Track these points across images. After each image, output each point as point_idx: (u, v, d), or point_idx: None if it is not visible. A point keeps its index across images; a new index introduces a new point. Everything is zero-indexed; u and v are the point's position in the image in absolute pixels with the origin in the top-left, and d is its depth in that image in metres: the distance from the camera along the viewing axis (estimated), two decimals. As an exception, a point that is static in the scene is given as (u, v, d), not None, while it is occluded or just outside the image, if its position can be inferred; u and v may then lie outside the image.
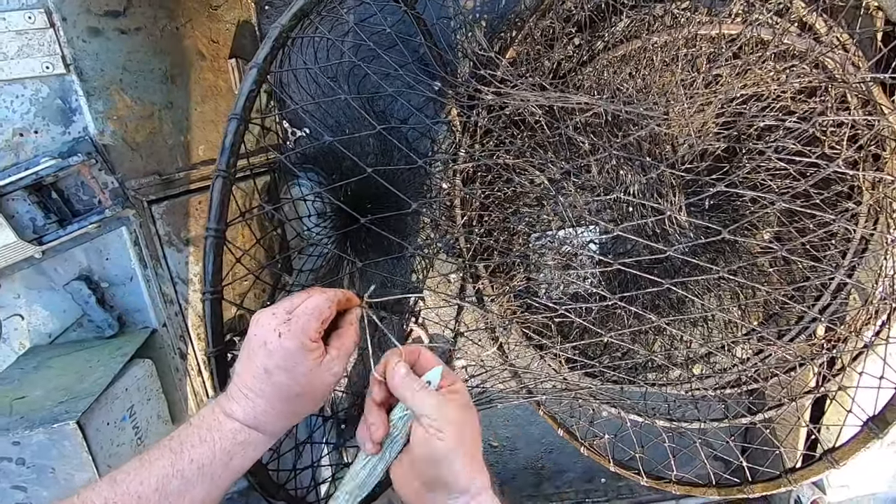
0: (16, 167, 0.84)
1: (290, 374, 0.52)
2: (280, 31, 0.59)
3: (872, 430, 0.60)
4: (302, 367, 0.52)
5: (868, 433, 0.60)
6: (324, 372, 0.53)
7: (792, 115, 1.03)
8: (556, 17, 1.12)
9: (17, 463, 0.68)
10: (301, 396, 0.53)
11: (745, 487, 0.76)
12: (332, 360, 0.54)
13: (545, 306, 1.30)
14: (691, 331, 1.28)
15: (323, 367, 0.53)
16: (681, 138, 1.17)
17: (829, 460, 0.64)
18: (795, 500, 1.30)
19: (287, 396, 0.52)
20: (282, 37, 0.59)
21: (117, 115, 0.89)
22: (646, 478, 0.89)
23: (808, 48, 0.92)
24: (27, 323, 0.91)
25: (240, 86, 0.55)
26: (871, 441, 0.60)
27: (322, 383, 0.54)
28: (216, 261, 0.54)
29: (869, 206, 1.14)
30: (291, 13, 0.61)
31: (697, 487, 0.82)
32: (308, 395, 0.54)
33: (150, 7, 0.95)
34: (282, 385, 0.52)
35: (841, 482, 1.43)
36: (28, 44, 0.80)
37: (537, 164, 1.12)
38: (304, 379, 0.52)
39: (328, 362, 0.54)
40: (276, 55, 0.59)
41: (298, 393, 0.53)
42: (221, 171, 0.53)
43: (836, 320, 1.21)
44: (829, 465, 0.64)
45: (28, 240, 0.82)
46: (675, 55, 1.06)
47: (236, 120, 0.53)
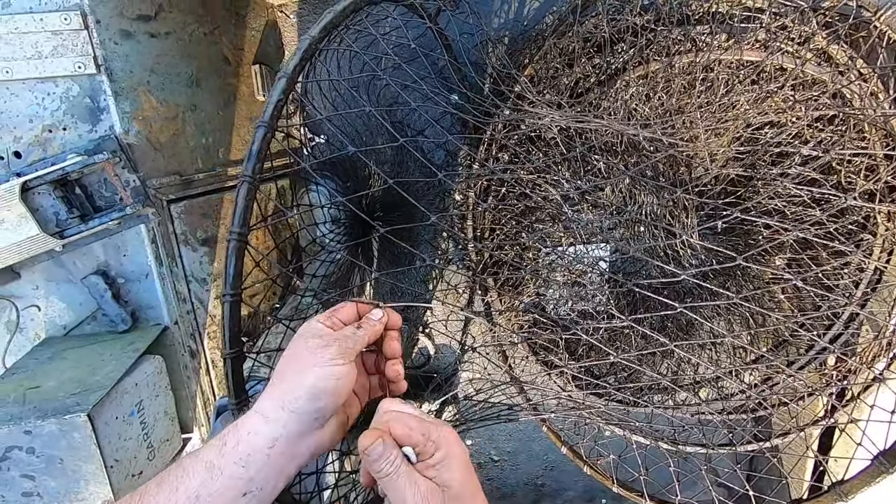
0: (43, 162, 0.87)
1: (326, 383, 0.50)
2: (310, 42, 0.60)
3: (882, 464, 0.59)
4: (341, 386, 0.50)
5: (878, 467, 0.59)
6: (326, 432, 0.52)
7: (808, 143, 1.04)
8: (577, 36, 1.14)
9: (27, 452, 0.69)
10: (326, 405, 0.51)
11: (751, 518, 0.75)
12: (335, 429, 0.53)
13: (553, 322, 1.30)
14: (699, 353, 1.28)
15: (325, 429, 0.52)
16: (696, 161, 1.18)
17: (838, 493, 0.63)
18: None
19: None
20: (311, 48, 0.60)
21: (143, 115, 0.91)
22: (648, 501, 0.89)
23: (826, 78, 0.92)
24: (44, 314, 0.93)
25: (268, 95, 0.57)
26: (880, 476, 0.59)
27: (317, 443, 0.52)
28: (237, 264, 0.55)
29: (884, 238, 1.14)
30: (321, 26, 0.62)
31: (701, 514, 0.82)
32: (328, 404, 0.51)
33: (180, 12, 0.98)
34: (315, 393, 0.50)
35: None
36: (62, 44, 0.83)
37: (551, 181, 1.13)
38: (334, 391, 0.50)
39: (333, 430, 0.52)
40: (305, 66, 0.61)
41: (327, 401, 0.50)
42: (247, 176, 0.54)
43: (847, 351, 1.19)
44: (837, 497, 0.63)
45: (51, 233, 0.84)
46: (693, 79, 1.06)
47: (264, 128, 0.55)
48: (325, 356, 0.50)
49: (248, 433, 0.48)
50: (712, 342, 1.26)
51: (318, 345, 0.51)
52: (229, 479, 0.47)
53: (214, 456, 0.47)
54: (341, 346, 0.51)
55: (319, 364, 0.50)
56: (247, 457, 0.47)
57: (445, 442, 0.47)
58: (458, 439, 0.49)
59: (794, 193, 1.04)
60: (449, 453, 0.47)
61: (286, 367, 0.51)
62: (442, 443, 0.47)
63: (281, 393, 0.50)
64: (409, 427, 0.47)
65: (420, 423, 0.48)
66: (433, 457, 0.47)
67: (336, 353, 0.51)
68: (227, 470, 0.47)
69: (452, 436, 0.48)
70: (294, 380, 0.50)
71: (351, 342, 0.53)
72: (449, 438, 0.47)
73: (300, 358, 0.51)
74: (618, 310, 1.20)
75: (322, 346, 0.51)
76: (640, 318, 1.08)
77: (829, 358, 1.24)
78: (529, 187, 1.15)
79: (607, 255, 1.29)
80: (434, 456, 0.47)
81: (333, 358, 0.50)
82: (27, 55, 0.82)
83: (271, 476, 0.49)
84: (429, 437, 0.47)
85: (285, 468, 0.49)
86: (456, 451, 0.47)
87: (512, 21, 1.21)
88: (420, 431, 0.47)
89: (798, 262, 1.16)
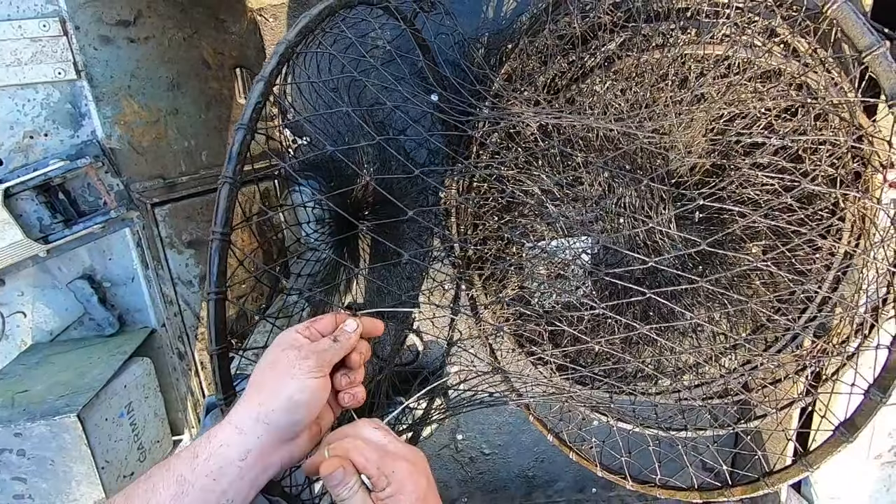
0: (24, 168, 0.87)
1: (301, 394, 0.50)
2: (286, 46, 0.62)
3: (843, 434, 0.62)
4: (314, 399, 0.51)
5: (839, 437, 0.62)
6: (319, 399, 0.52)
7: (776, 132, 1.08)
8: (551, 34, 1.17)
9: (17, 454, 0.70)
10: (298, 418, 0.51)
11: (725, 490, 0.78)
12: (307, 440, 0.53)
13: (536, 314, 1.33)
14: (680, 341, 1.31)
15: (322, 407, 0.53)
16: (671, 153, 1.21)
17: (804, 464, 0.66)
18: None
19: None
20: (288, 52, 0.62)
21: (125, 120, 0.92)
22: (631, 482, 0.91)
23: (789, 68, 0.96)
24: (30, 320, 0.94)
25: (247, 97, 0.58)
26: (841, 445, 0.62)
27: None
28: (221, 263, 0.57)
29: (852, 223, 1.18)
30: (297, 29, 0.64)
31: (681, 491, 0.85)
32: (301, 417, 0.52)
33: (159, 18, 0.99)
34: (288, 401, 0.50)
35: (830, 494, 1.45)
36: (42, 50, 0.83)
37: (531, 176, 1.15)
38: (308, 402, 0.51)
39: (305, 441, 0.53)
40: (282, 69, 0.62)
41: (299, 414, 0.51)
42: (228, 177, 0.56)
43: (821, 332, 1.24)
44: (804, 468, 0.66)
45: (34, 238, 0.84)
46: (664, 73, 1.10)
47: (243, 130, 0.56)
48: (303, 368, 0.50)
49: (221, 445, 0.48)
50: (693, 328, 1.30)
51: (296, 356, 0.51)
52: (201, 493, 0.47)
53: (186, 469, 0.47)
54: (319, 359, 0.52)
55: (297, 376, 0.50)
56: (218, 469, 0.47)
57: (397, 479, 0.48)
58: (411, 474, 0.49)
59: (763, 182, 1.08)
60: (399, 489, 0.48)
61: (263, 377, 0.51)
62: (394, 479, 0.48)
63: (257, 404, 0.50)
64: (365, 458, 0.49)
65: (379, 455, 0.49)
66: (384, 491, 0.48)
67: (314, 365, 0.51)
68: (199, 483, 0.47)
69: (405, 472, 0.49)
70: (271, 391, 0.50)
71: (328, 354, 0.53)
72: (401, 475, 0.48)
73: (278, 368, 0.51)
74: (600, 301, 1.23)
75: (300, 358, 0.51)
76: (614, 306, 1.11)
77: (804, 340, 1.28)
78: (510, 183, 1.18)
79: (589, 248, 1.32)
80: (385, 490, 0.48)
81: (312, 370, 0.51)
82: (6, 62, 0.83)
83: (243, 488, 0.49)
84: (382, 472, 0.48)
85: (257, 479, 0.50)
86: (407, 488, 0.48)
87: (489, 21, 1.24)
88: (376, 465, 0.48)
89: (774, 248, 1.20)
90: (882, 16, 1.14)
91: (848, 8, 0.62)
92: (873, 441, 1.41)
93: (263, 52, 1.23)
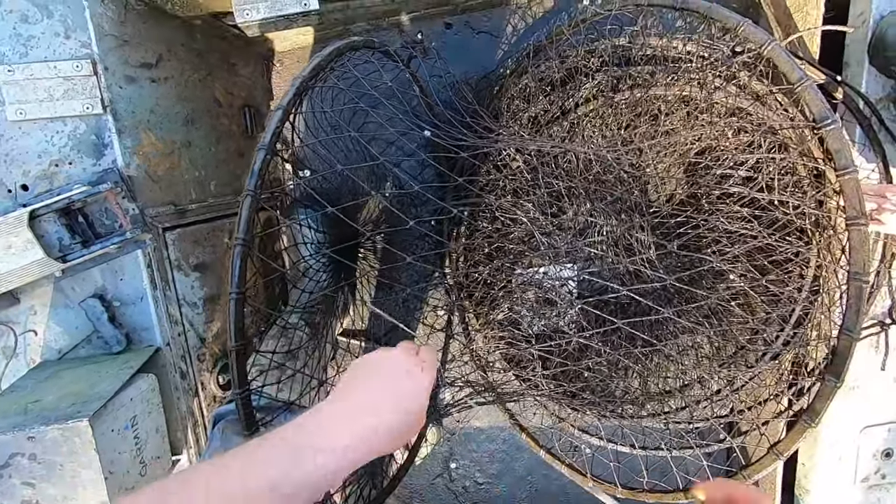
0: (48, 193, 0.94)
1: (420, 405, 0.51)
2: (302, 80, 0.71)
3: (805, 421, 0.67)
4: (424, 403, 0.52)
5: (803, 424, 0.67)
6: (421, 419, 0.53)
7: (742, 165, 1.18)
8: (532, 77, 1.29)
9: (28, 458, 0.73)
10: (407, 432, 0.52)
11: (706, 489, 0.82)
12: None
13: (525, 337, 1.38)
14: (666, 365, 1.36)
15: None
16: (650, 186, 1.31)
17: (775, 453, 0.70)
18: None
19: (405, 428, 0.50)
20: (303, 85, 0.71)
21: (143, 150, 1.00)
22: (620, 489, 0.94)
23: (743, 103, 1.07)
24: (41, 338, 0.97)
25: (267, 123, 0.66)
26: (806, 430, 0.67)
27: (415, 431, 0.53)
28: (242, 266, 0.63)
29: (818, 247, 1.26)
30: (311, 67, 0.74)
31: (667, 493, 0.88)
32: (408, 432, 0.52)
33: (178, 61, 1.09)
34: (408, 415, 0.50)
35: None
36: (73, 87, 0.92)
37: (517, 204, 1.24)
38: (419, 416, 0.52)
39: None
40: (297, 101, 0.71)
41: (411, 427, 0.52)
42: (250, 190, 0.63)
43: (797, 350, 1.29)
44: (775, 457, 0.70)
45: (54, 257, 0.90)
46: (637, 111, 1.21)
47: (264, 150, 0.64)
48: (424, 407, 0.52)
49: None
50: (678, 353, 1.35)
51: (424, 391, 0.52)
52: None
53: None
54: None
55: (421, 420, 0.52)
56: None
57: None
58: None
59: (735, 211, 1.18)
60: None
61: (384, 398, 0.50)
62: None
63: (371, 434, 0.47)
64: None
65: None
66: None
67: None
68: None
69: None
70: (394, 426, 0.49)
71: None
72: None
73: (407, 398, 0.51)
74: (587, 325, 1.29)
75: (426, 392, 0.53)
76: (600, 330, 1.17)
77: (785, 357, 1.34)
78: (499, 211, 1.26)
79: (574, 276, 1.39)
80: None
81: None
82: (40, 98, 0.91)
83: None
84: None
85: None
86: None
87: (477, 65, 1.36)
88: None
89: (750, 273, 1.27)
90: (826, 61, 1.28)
91: (779, 49, 0.73)
92: (859, 464, 1.44)
93: (270, 93, 1.34)
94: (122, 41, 0.97)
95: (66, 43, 0.91)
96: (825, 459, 1.38)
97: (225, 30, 1.18)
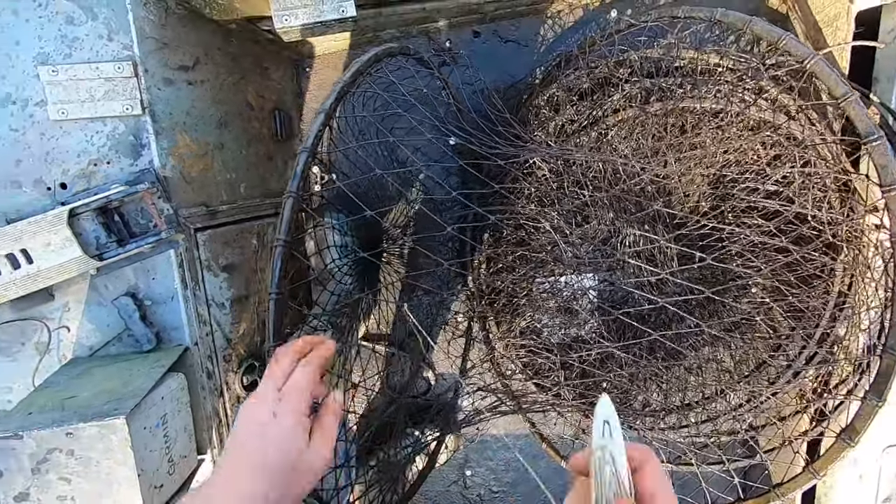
0: (86, 192, 0.95)
1: (288, 456, 0.50)
2: (342, 85, 0.72)
3: (845, 440, 0.67)
4: (299, 444, 0.51)
5: (841, 444, 0.67)
6: (313, 455, 0.52)
7: (768, 177, 1.17)
8: (560, 86, 1.29)
9: (66, 454, 0.74)
10: (292, 482, 0.50)
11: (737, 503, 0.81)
12: (320, 447, 0.53)
13: (546, 347, 1.38)
14: (686, 378, 1.35)
15: (312, 451, 0.52)
16: (674, 197, 1.31)
17: (811, 471, 0.70)
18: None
19: (285, 483, 0.49)
20: (343, 90, 0.72)
21: (178, 152, 1.02)
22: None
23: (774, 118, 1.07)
24: (73, 335, 0.99)
25: (310, 127, 0.67)
26: (845, 450, 0.66)
27: (311, 469, 0.52)
28: (283, 267, 0.64)
29: (843, 263, 1.25)
30: (351, 72, 0.75)
31: (695, 509, 0.87)
32: (295, 481, 0.51)
33: (214, 65, 1.11)
34: (282, 472, 0.49)
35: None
36: (113, 88, 0.94)
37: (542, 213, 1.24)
38: (298, 459, 0.51)
39: (316, 448, 0.53)
40: (338, 104, 0.72)
41: (291, 478, 0.50)
42: (292, 192, 0.64)
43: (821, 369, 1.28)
44: (811, 475, 0.70)
45: (91, 255, 0.91)
46: (665, 123, 1.21)
47: (306, 153, 0.65)
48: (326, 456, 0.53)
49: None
50: (698, 366, 1.34)
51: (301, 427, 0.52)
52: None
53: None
54: None
55: (320, 471, 0.52)
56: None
57: None
58: None
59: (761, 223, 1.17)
60: None
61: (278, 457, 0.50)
62: None
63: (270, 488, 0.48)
64: None
65: None
66: None
67: None
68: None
69: None
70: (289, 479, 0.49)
71: None
72: None
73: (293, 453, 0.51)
74: (607, 334, 1.29)
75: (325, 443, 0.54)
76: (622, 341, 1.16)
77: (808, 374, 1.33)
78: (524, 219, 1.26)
79: (596, 285, 1.39)
80: None
81: None
82: (81, 98, 0.93)
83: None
84: None
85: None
86: None
87: (505, 73, 1.37)
88: None
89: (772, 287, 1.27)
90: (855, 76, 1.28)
91: (824, 63, 0.73)
92: (881, 484, 1.43)
93: (300, 98, 1.35)
94: (162, 44, 0.99)
95: (109, 45, 0.93)
96: (846, 478, 1.36)
97: (259, 34, 1.20)
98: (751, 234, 1.20)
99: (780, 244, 1.09)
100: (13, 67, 0.91)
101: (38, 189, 0.94)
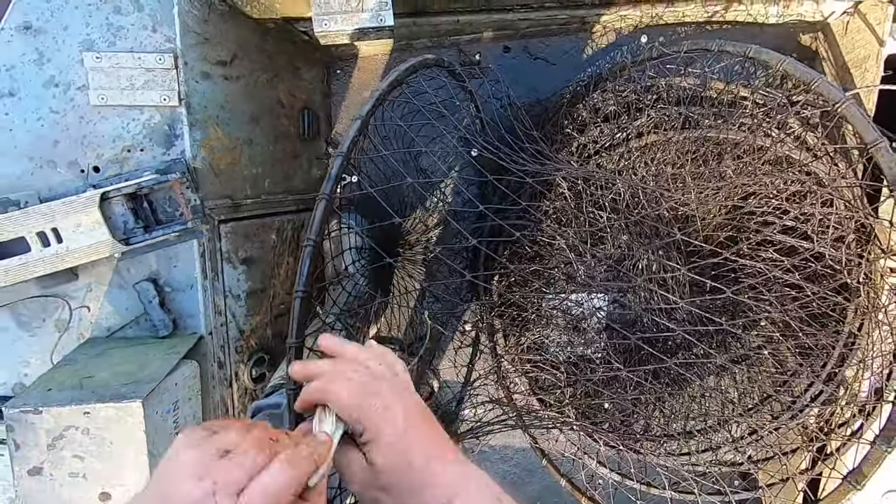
0: (117, 177, 0.97)
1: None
2: (380, 93, 0.74)
3: (851, 483, 0.67)
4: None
5: (847, 486, 0.67)
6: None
7: (787, 213, 1.18)
8: (585, 106, 1.31)
9: (82, 433, 0.75)
10: None
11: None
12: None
13: (553, 366, 1.38)
14: (689, 405, 1.36)
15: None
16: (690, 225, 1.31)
17: (816, 512, 0.70)
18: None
19: None
20: (381, 97, 0.74)
21: (210, 144, 1.04)
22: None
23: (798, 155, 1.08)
24: (92, 315, 1.01)
25: (347, 132, 0.69)
26: (850, 492, 0.67)
27: None
28: (311, 265, 0.65)
29: (856, 304, 1.25)
30: (389, 81, 0.76)
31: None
32: None
33: (250, 61, 1.13)
34: None
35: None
36: (153, 79, 0.96)
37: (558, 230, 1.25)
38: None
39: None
40: (374, 111, 0.74)
41: None
42: (326, 195, 0.65)
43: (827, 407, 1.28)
44: (816, 516, 0.70)
45: (118, 239, 0.93)
46: (688, 151, 1.22)
47: (342, 157, 0.67)
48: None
49: None
50: (702, 395, 1.34)
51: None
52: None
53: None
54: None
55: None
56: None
57: (371, 423, 0.47)
58: (380, 421, 0.47)
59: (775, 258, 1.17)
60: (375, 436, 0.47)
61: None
62: (368, 424, 0.47)
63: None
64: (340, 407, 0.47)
65: (350, 404, 0.47)
66: (362, 436, 0.47)
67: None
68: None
69: (372, 420, 0.47)
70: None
71: None
72: (370, 422, 0.47)
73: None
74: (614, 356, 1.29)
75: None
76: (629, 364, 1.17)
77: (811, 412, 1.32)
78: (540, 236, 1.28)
79: (605, 305, 1.40)
80: (363, 436, 0.47)
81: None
82: (122, 86, 0.95)
83: None
84: (357, 420, 0.47)
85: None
86: (385, 431, 0.47)
87: (532, 90, 1.39)
88: (348, 412, 0.47)
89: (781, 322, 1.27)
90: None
91: (855, 108, 0.73)
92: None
93: (329, 98, 1.37)
94: (204, 39, 1.01)
95: (153, 36, 0.95)
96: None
97: (295, 34, 1.22)
98: (765, 267, 1.20)
99: (794, 280, 1.09)
100: (59, 51, 0.93)
101: (73, 171, 0.96)
